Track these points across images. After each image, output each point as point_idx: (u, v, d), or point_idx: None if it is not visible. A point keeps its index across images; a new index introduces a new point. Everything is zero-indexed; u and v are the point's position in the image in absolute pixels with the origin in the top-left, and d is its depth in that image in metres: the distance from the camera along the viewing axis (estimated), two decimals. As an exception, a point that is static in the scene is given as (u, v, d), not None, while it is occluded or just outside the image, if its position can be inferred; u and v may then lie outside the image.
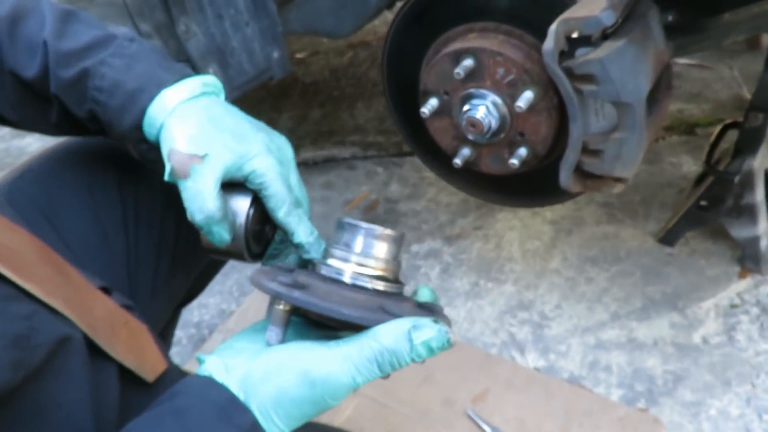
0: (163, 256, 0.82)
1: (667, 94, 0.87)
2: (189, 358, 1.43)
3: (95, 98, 0.63)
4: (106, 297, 0.61)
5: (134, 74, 0.62)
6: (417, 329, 0.48)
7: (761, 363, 1.24)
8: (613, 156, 0.83)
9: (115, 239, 0.78)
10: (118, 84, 0.62)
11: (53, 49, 0.63)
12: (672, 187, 1.70)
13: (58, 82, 0.63)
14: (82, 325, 0.54)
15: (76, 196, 0.77)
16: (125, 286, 0.77)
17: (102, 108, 0.63)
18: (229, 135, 0.61)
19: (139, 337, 0.63)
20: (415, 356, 0.48)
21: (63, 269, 0.57)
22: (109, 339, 0.57)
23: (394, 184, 1.90)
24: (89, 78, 0.62)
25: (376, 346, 0.48)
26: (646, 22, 0.79)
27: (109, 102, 0.62)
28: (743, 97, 2.03)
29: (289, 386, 0.48)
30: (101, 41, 0.65)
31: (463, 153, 0.96)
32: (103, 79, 0.62)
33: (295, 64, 2.71)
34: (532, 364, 1.31)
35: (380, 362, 0.48)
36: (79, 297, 0.56)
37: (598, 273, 1.49)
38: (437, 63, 0.89)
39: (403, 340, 0.48)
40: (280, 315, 0.52)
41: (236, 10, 1.25)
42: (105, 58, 0.63)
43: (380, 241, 0.55)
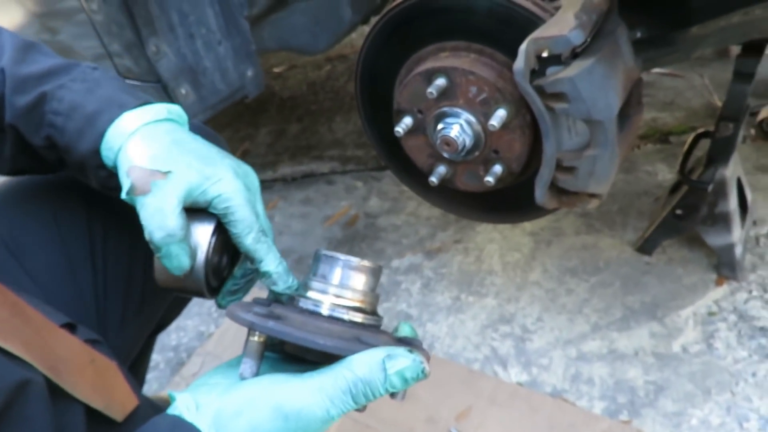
0: (133, 285, 0.80)
1: (637, 110, 0.87)
2: (167, 383, 1.40)
3: (52, 122, 0.60)
4: (69, 335, 0.59)
5: (94, 97, 0.61)
6: (391, 359, 0.47)
7: (740, 371, 1.25)
8: (586, 173, 0.83)
9: (83, 270, 0.76)
10: (77, 107, 0.60)
11: (10, 75, 0.61)
12: (648, 196, 1.72)
13: (14, 110, 0.61)
14: (43, 367, 0.52)
15: (41, 227, 0.75)
16: (93, 319, 0.75)
17: (59, 132, 0.60)
18: (194, 156, 0.59)
19: (106, 375, 0.61)
20: (389, 386, 0.47)
21: (20, 310, 0.54)
22: (74, 380, 0.55)
23: (374, 198, 1.90)
24: (47, 102, 0.60)
25: (350, 376, 0.47)
26: (615, 39, 0.80)
27: (66, 125, 0.60)
28: (714, 104, 2.07)
29: (261, 421, 0.47)
30: (62, 68, 0.63)
31: (439, 171, 0.96)
32: (62, 102, 0.60)
33: (273, 79, 2.70)
34: (515, 379, 1.30)
35: (354, 393, 0.47)
36: (39, 338, 0.54)
37: (578, 284, 1.50)
38: (410, 82, 0.89)
39: (378, 369, 0.47)
40: (255, 347, 0.51)
41: (208, 29, 1.23)
42: (65, 83, 0.61)
43: (357, 273, 0.55)
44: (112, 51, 1.23)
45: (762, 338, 1.31)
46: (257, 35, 1.37)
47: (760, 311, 1.36)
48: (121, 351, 0.79)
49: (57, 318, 0.60)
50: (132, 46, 1.19)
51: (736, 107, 1.26)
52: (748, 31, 1.00)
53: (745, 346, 1.30)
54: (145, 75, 1.24)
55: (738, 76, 1.23)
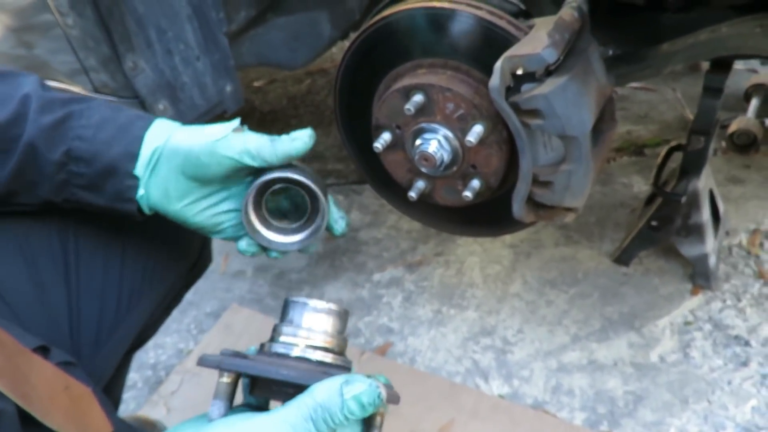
0: (107, 302, 0.79)
1: (611, 125, 0.89)
2: (145, 402, 1.37)
3: (80, 134, 0.64)
4: (43, 361, 0.58)
5: (123, 114, 0.66)
6: (348, 384, 0.48)
7: (716, 379, 1.27)
8: (562, 187, 0.84)
9: (55, 289, 0.74)
10: (107, 120, 0.65)
11: (37, 97, 0.64)
12: (624, 207, 1.75)
13: (38, 126, 0.63)
14: (15, 396, 0.51)
15: (11, 244, 0.73)
16: (66, 339, 0.74)
17: (87, 142, 0.64)
18: None
19: (80, 402, 0.60)
20: (347, 412, 0.47)
21: None
22: (46, 408, 0.54)
23: (355, 211, 1.90)
24: (74, 118, 0.65)
25: (310, 403, 0.47)
26: (587, 57, 0.82)
27: (96, 135, 0.64)
28: (686, 117, 2.12)
29: None
30: (85, 97, 0.68)
31: (418, 186, 0.96)
32: (90, 118, 0.65)
33: (253, 93, 2.70)
34: (496, 391, 1.31)
35: (314, 419, 0.47)
36: (11, 366, 0.53)
37: (557, 295, 1.51)
38: (388, 98, 0.90)
39: (336, 395, 0.48)
40: (223, 388, 0.52)
41: (186, 45, 1.23)
42: (91, 105, 0.66)
43: (326, 316, 0.57)
44: (88, 66, 1.22)
45: (736, 347, 1.33)
46: (236, 51, 1.37)
47: (734, 320, 1.39)
48: (96, 371, 0.78)
49: (29, 341, 0.59)
50: (108, 61, 1.18)
51: (707, 121, 1.29)
52: (716, 48, 1.03)
53: (720, 355, 1.32)
54: (121, 90, 1.23)
55: (707, 91, 1.26)
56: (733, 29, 1.01)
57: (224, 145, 0.62)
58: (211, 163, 0.63)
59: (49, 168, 0.65)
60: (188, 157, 0.63)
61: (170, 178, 0.65)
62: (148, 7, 1.15)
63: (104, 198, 0.67)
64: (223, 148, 0.62)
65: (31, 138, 0.63)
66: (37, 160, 0.64)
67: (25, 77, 0.67)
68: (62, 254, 0.75)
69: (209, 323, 1.55)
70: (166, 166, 0.65)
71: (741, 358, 1.31)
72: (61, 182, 0.66)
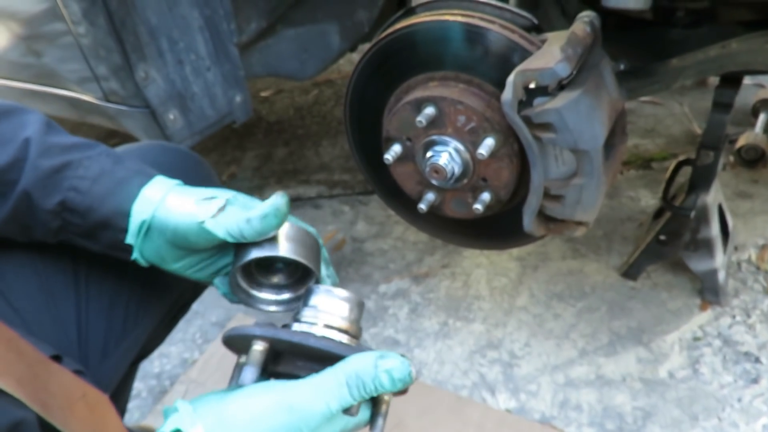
0: (116, 313, 0.78)
1: (622, 139, 0.89)
2: (149, 412, 1.36)
3: (75, 186, 0.63)
4: (62, 369, 0.58)
5: (122, 167, 0.66)
6: (383, 358, 0.52)
7: (725, 396, 1.26)
8: (573, 201, 0.84)
9: (64, 298, 0.74)
10: (105, 173, 0.64)
11: (38, 142, 0.64)
12: (632, 221, 1.74)
13: (35, 172, 0.63)
14: (35, 405, 0.51)
15: (22, 254, 0.73)
16: (74, 348, 0.73)
17: (82, 195, 0.63)
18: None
19: (97, 410, 0.59)
20: (378, 384, 0.51)
21: (15, 344, 0.53)
22: (65, 417, 0.54)
23: (361, 222, 1.90)
24: (72, 168, 0.64)
25: (347, 369, 0.51)
26: (599, 72, 0.82)
27: (92, 188, 0.63)
28: (694, 132, 2.12)
29: (265, 414, 0.49)
30: (86, 144, 0.67)
31: (428, 198, 0.96)
32: (88, 169, 0.64)
33: (260, 103, 2.71)
34: (503, 405, 1.30)
35: (349, 384, 0.51)
36: (31, 374, 0.53)
37: (564, 309, 1.50)
38: (399, 111, 0.90)
39: (370, 365, 0.51)
40: (257, 355, 0.54)
41: (197, 56, 1.24)
42: (91, 155, 0.65)
43: (347, 303, 0.59)
44: (98, 74, 1.23)
45: (746, 363, 1.32)
46: (246, 61, 1.38)
47: (744, 336, 1.38)
48: (103, 381, 0.77)
49: (44, 350, 0.59)
50: (119, 69, 1.19)
51: (716, 136, 1.29)
52: (725, 63, 1.03)
53: (730, 371, 1.31)
54: (131, 99, 1.24)
55: (717, 106, 1.26)
56: (743, 45, 1.01)
57: (208, 226, 0.62)
58: (199, 241, 0.64)
59: (44, 216, 0.65)
60: (176, 233, 0.64)
61: (162, 246, 0.65)
62: (160, 18, 1.16)
63: (100, 246, 0.67)
64: (206, 229, 0.63)
65: (27, 185, 0.63)
66: (32, 207, 0.64)
67: (30, 116, 0.67)
68: (72, 264, 0.75)
69: (214, 333, 1.55)
70: (157, 235, 0.65)
71: (751, 374, 1.30)
72: (56, 229, 0.66)
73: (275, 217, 0.61)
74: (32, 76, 1.42)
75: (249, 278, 0.69)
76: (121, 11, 1.11)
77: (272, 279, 0.71)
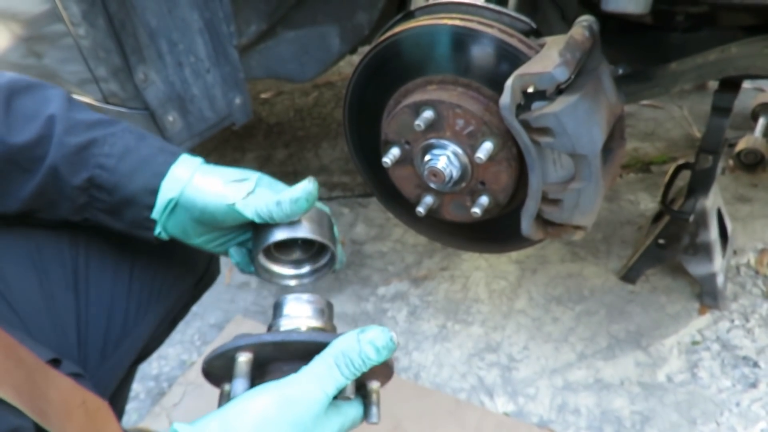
0: (115, 315, 0.78)
1: (620, 144, 0.89)
2: (147, 414, 1.36)
3: (102, 163, 0.64)
4: (60, 375, 0.58)
5: (146, 144, 0.67)
6: (363, 332, 0.54)
7: (724, 400, 1.25)
8: (571, 205, 0.84)
9: (64, 299, 0.74)
10: (130, 150, 0.65)
11: (63, 118, 0.65)
12: (631, 225, 1.74)
13: (62, 149, 0.64)
14: (33, 413, 0.51)
15: (23, 255, 0.74)
16: (74, 350, 0.73)
17: (109, 172, 0.65)
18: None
19: (96, 417, 0.59)
20: (364, 357, 0.53)
21: (14, 351, 0.53)
22: (62, 424, 0.54)
23: (360, 225, 1.90)
24: (97, 146, 0.65)
25: (333, 352, 0.53)
26: (598, 76, 0.82)
27: (118, 166, 0.65)
28: (693, 135, 2.12)
29: (268, 412, 0.50)
30: (109, 121, 0.68)
31: (426, 201, 0.96)
32: (114, 146, 0.65)
33: (260, 104, 2.71)
34: (501, 409, 1.29)
35: (339, 365, 0.53)
36: (30, 381, 0.53)
37: (563, 312, 1.50)
38: (398, 114, 0.90)
39: (353, 341, 0.53)
40: (243, 367, 0.55)
41: (197, 58, 1.24)
42: (116, 131, 0.66)
43: (318, 304, 0.62)
44: (98, 76, 1.23)
45: (745, 367, 1.32)
46: (246, 63, 1.38)
47: (743, 340, 1.38)
48: (101, 383, 0.77)
49: (42, 353, 0.59)
50: (119, 71, 1.19)
51: (715, 140, 1.29)
52: (725, 67, 1.03)
53: (728, 376, 1.31)
54: (131, 101, 1.23)
55: (716, 110, 1.26)
56: (743, 49, 1.01)
57: (239, 207, 0.65)
58: (226, 220, 0.67)
59: (71, 191, 0.66)
60: (204, 212, 0.66)
61: (187, 222, 0.68)
62: (160, 20, 1.16)
63: (123, 223, 0.69)
64: (237, 210, 0.65)
65: (55, 161, 0.64)
66: (59, 182, 0.65)
67: (52, 91, 0.67)
68: (72, 265, 0.75)
69: (213, 334, 1.55)
70: (183, 212, 0.67)
71: (749, 379, 1.29)
72: (83, 204, 0.67)
73: (306, 201, 0.64)
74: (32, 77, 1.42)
75: (269, 256, 0.72)
76: (121, 13, 1.11)
77: (291, 255, 0.74)
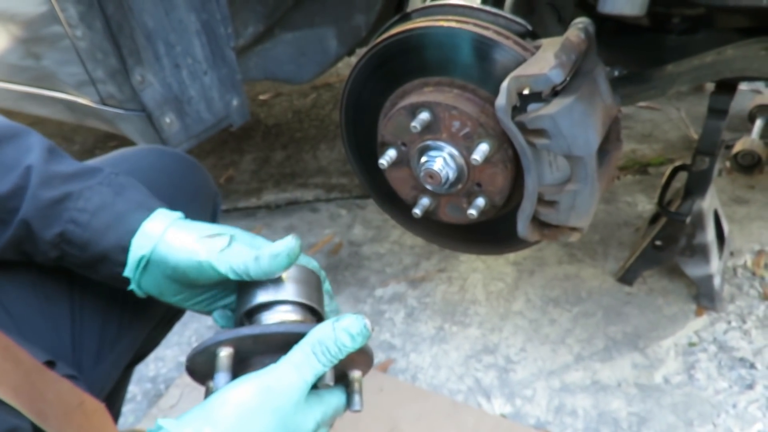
0: (111, 317, 0.78)
1: (616, 146, 0.89)
2: (144, 416, 1.36)
3: (75, 219, 0.63)
4: (58, 377, 0.58)
5: (122, 199, 0.64)
6: (338, 320, 0.56)
7: (720, 402, 1.26)
8: (567, 207, 0.84)
9: (59, 301, 0.74)
10: (105, 206, 0.63)
11: (39, 171, 0.63)
12: (628, 226, 1.74)
13: (36, 202, 0.62)
14: (32, 414, 0.51)
15: None
16: (68, 351, 0.73)
17: (81, 228, 0.63)
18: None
19: (94, 418, 0.59)
20: (340, 344, 0.55)
21: (12, 353, 0.54)
22: (61, 425, 0.54)
23: (358, 226, 1.90)
24: (72, 200, 0.63)
25: (308, 340, 0.55)
26: (593, 78, 0.82)
27: (91, 222, 0.63)
28: (690, 137, 2.12)
29: (247, 400, 0.51)
30: (88, 171, 0.66)
31: (422, 203, 0.97)
32: (89, 201, 0.63)
33: (258, 106, 2.72)
34: (498, 411, 1.29)
35: (315, 353, 0.54)
36: (28, 382, 0.53)
37: (560, 314, 1.50)
38: (394, 115, 0.90)
39: (329, 330, 0.55)
40: (224, 361, 0.56)
41: (194, 60, 1.24)
42: (93, 185, 0.64)
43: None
44: (95, 78, 1.23)
45: (741, 369, 1.32)
46: (243, 65, 1.38)
47: (740, 342, 1.38)
48: (96, 384, 0.77)
49: (38, 355, 0.59)
50: (116, 73, 1.19)
51: (712, 142, 1.29)
52: (721, 69, 1.03)
53: (725, 377, 1.31)
54: (128, 103, 1.24)
55: (712, 112, 1.26)
56: (739, 52, 1.01)
57: (210, 264, 0.62)
58: (200, 277, 0.63)
59: (43, 245, 0.65)
60: (176, 269, 0.63)
61: (161, 280, 0.65)
62: (157, 22, 1.16)
63: (99, 276, 0.67)
64: (209, 267, 0.62)
65: (27, 214, 0.63)
66: (32, 236, 0.64)
67: (33, 139, 0.66)
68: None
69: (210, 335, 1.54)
70: (156, 269, 0.64)
71: (746, 380, 1.29)
72: (55, 258, 0.66)
73: (287, 257, 0.60)
74: (30, 78, 1.42)
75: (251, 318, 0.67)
76: (118, 15, 1.11)
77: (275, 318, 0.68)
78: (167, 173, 0.84)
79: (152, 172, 0.83)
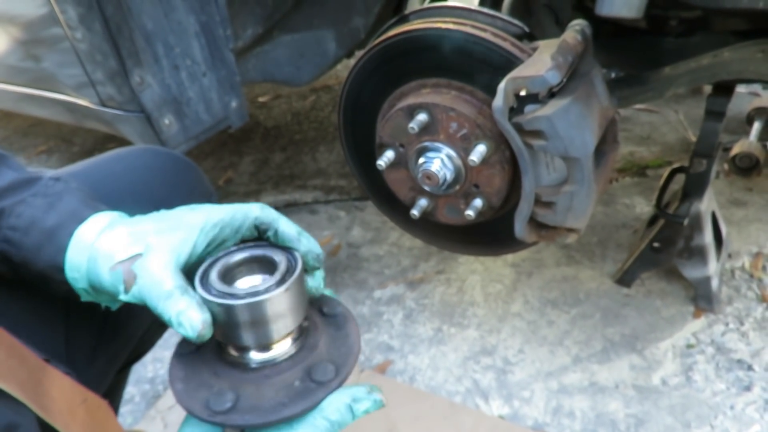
0: (105, 315, 0.78)
1: (613, 147, 0.90)
2: (142, 417, 1.36)
3: (8, 238, 0.59)
4: (62, 374, 0.58)
5: (54, 212, 0.59)
6: (356, 402, 0.52)
7: (718, 404, 1.26)
8: (564, 208, 0.84)
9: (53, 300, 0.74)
10: (35, 222, 0.59)
11: None
12: (626, 228, 1.75)
13: None
14: (38, 409, 0.51)
15: None
16: (62, 350, 0.73)
17: (16, 248, 0.59)
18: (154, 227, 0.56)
19: (97, 415, 0.60)
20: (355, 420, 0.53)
21: (17, 350, 0.54)
22: (66, 421, 0.54)
23: (357, 228, 1.90)
24: (4, 217, 0.59)
25: (325, 425, 0.51)
26: (590, 80, 0.83)
27: (23, 241, 0.59)
28: (689, 139, 2.13)
29: None
30: (24, 183, 0.62)
31: (420, 204, 0.97)
32: (20, 218, 0.59)
33: (257, 108, 2.72)
34: (496, 412, 1.29)
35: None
36: (34, 379, 0.53)
37: (558, 315, 1.50)
38: (392, 117, 0.90)
39: (346, 413, 0.52)
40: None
41: (193, 61, 1.25)
42: (25, 198, 0.60)
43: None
44: (95, 79, 1.24)
45: (739, 371, 1.32)
46: (242, 67, 1.39)
47: (737, 343, 1.38)
48: (90, 384, 0.77)
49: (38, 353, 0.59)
50: (115, 74, 1.19)
51: (709, 144, 1.30)
52: (718, 72, 1.04)
53: (723, 379, 1.31)
54: (127, 104, 1.24)
55: (710, 114, 1.27)
56: (735, 54, 1.02)
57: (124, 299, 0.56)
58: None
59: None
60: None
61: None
62: (156, 24, 1.17)
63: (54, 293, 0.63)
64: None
65: None
66: None
67: None
68: None
69: (208, 338, 1.54)
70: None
71: (744, 382, 1.30)
72: (11, 273, 0.63)
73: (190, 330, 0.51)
74: (30, 80, 1.43)
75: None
76: (118, 17, 1.12)
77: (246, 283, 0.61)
78: (162, 173, 0.84)
79: (147, 172, 0.83)
